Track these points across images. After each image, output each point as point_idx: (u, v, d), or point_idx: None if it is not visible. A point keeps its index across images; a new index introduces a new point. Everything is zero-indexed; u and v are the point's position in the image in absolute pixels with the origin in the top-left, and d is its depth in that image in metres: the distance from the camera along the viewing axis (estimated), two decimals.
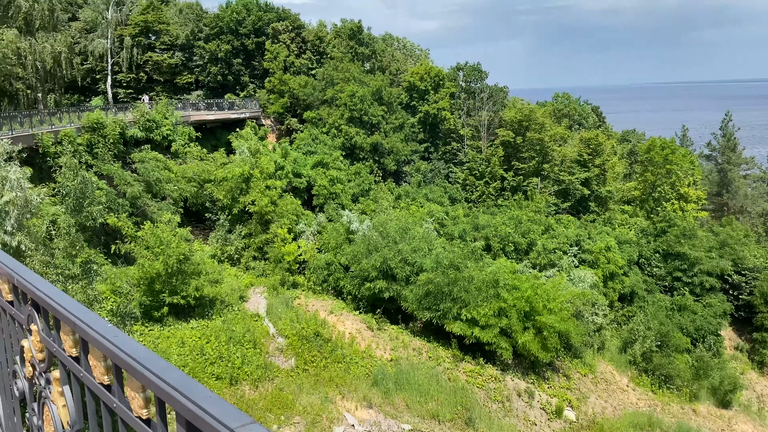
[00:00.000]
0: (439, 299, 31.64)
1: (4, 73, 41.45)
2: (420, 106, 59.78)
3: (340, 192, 45.88)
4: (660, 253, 49.76)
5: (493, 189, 55.63)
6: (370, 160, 53.10)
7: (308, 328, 30.00)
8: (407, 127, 58.23)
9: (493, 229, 44.86)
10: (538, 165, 56.89)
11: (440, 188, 54.38)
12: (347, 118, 52.89)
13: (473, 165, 57.41)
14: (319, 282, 37.38)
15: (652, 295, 47.44)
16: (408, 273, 33.95)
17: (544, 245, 44.60)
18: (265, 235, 39.34)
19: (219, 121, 54.45)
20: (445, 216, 47.30)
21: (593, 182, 57.07)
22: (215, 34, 59.68)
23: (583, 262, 45.77)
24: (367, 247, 35.28)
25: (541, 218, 48.50)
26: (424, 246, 35.92)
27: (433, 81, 60.13)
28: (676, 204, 57.40)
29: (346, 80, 54.72)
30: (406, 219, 40.34)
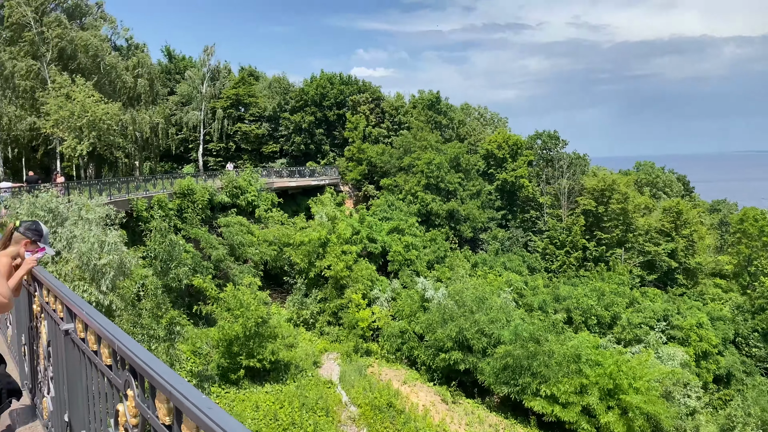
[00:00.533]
0: (517, 373, 30.40)
1: (107, 143, 44.98)
2: (497, 174, 59.71)
3: (415, 258, 45.82)
4: (759, 332, 46.12)
5: (574, 259, 53.98)
6: (446, 226, 53.03)
7: (381, 398, 29.45)
8: (484, 195, 58.09)
9: (575, 301, 43.20)
10: (622, 235, 54.92)
11: (518, 257, 53.33)
12: (423, 184, 53.48)
13: (553, 234, 56.18)
14: (393, 350, 36.90)
15: (752, 377, 43.70)
16: (485, 344, 32.97)
17: (629, 319, 42.40)
18: (340, 300, 39.56)
19: (300, 187, 56.37)
20: (524, 286, 46.10)
21: (680, 254, 54.29)
22: (300, 106, 62.72)
23: (672, 339, 43.01)
24: (442, 316, 34.71)
25: (625, 291, 46.37)
26: (502, 317, 34.94)
27: (511, 149, 60.15)
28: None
29: (423, 148, 55.69)
30: (483, 288, 39.56)
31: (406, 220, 49.59)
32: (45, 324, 4.90)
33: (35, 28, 45.02)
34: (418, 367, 35.62)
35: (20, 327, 6.15)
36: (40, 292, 4.92)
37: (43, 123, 42.09)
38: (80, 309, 3.74)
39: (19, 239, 5.12)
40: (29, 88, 44.18)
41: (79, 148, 40.79)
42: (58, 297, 4.27)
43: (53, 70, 44.60)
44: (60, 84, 42.52)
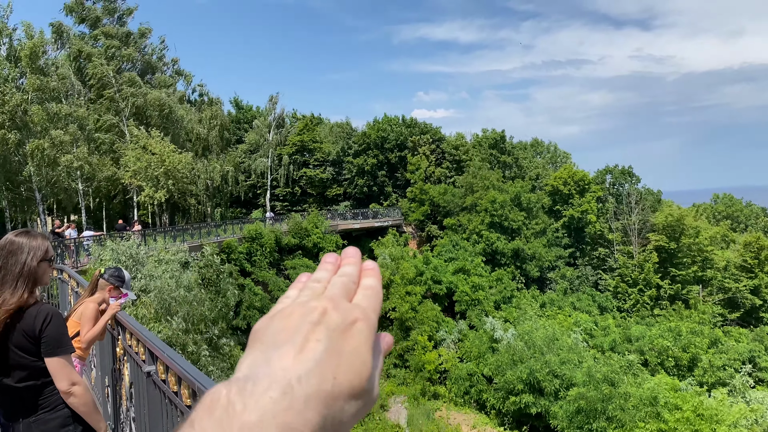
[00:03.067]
0: (591, 417, 29.14)
1: (182, 191, 47.20)
2: (564, 211, 58.56)
3: (482, 299, 45.18)
4: None
5: (648, 297, 51.77)
6: (512, 266, 52.16)
7: None
8: (550, 232, 56.96)
9: (649, 342, 41.26)
10: (699, 271, 52.40)
11: (588, 296, 51.64)
12: (488, 223, 53.04)
13: (624, 271, 54.20)
14: (461, 393, 36.19)
15: None
16: (557, 387, 31.88)
17: (711, 361, 40.02)
18: (406, 342, 39.34)
19: (363, 229, 57.03)
20: (594, 326, 44.50)
21: (765, 290, 51.14)
22: (362, 149, 64.01)
23: (761, 382, 40.22)
24: (511, 357, 33.90)
25: (705, 330, 43.94)
26: (574, 357, 33.79)
27: (577, 185, 59.01)
28: None
29: (486, 187, 55.43)
30: (552, 328, 38.47)
31: (471, 260, 49.15)
32: (128, 366, 5.19)
33: (115, 86, 48.33)
34: (487, 410, 34.74)
35: (104, 369, 6.52)
36: (123, 336, 5.23)
37: (122, 173, 44.69)
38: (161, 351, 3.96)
39: (104, 286, 5.48)
40: (109, 141, 47.19)
41: (156, 196, 42.94)
42: (141, 340, 4.54)
43: (131, 123, 47.57)
44: (137, 137, 45.20)
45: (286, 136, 66.57)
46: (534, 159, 71.72)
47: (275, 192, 64.94)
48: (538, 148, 76.51)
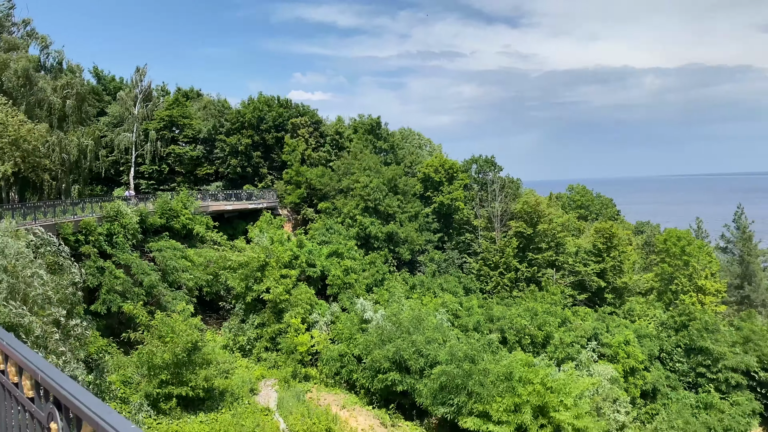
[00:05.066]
0: (453, 393, 30.74)
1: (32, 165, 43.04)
2: (434, 197, 60.79)
3: (354, 282, 45.85)
4: (682, 348, 48.42)
5: (507, 280, 55.30)
6: (385, 249, 53.39)
7: (319, 423, 29.11)
8: (422, 217, 58.93)
9: (509, 321, 44.19)
10: (553, 256, 56.79)
11: (455, 278, 54.18)
12: (362, 207, 53.78)
13: (487, 255, 57.43)
14: (332, 374, 36.64)
15: (675, 391, 45.74)
16: (422, 365, 33.23)
17: (562, 338, 43.68)
18: (279, 324, 39.05)
19: (237, 211, 55.55)
20: (459, 307, 46.82)
21: (609, 273, 56.56)
22: (236, 128, 62.05)
23: (602, 357, 44.58)
24: (380, 338, 34.80)
25: (557, 310, 47.79)
26: (439, 337, 35.36)
27: (447, 173, 61.41)
28: (695, 296, 56.45)
29: (363, 170, 56.06)
30: (419, 309, 39.95)
31: (345, 243, 49.63)
32: None
33: None
34: (357, 390, 35.48)
35: None
36: None
37: None
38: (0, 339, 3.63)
39: None
40: None
41: (1, 168, 38.90)
42: None
43: None
44: None
45: (154, 111, 62.92)
46: (409, 146, 73.59)
47: (140, 169, 61.28)
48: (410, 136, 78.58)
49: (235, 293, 41.74)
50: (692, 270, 57.64)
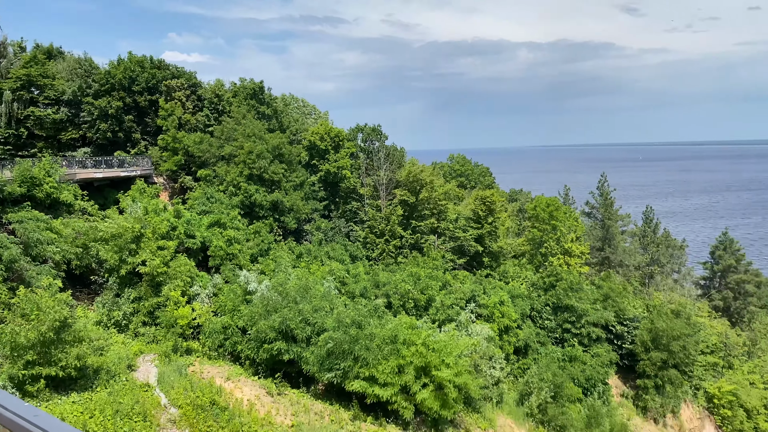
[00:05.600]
0: (340, 358, 31.16)
1: None
2: (320, 165, 60.41)
3: (237, 252, 44.75)
4: (550, 306, 52.21)
5: (392, 247, 56.53)
6: (270, 218, 52.46)
7: (203, 396, 28.42)
8: (307, 186, 58.43)
9: (393, 287, 45.30)
10: (435, 223, 58.70)
11: (341, 246, 54.53)
12: (246, 175, 52.29)
13: (373, 223, 58.29)
14: (215, 347, 35.80)
15: (544, 347, 49.38)
16: (309, 333, 33.29)
17: (443, 301, 45.52)
18: (157, 298, 37.37)
19: (108, 179, 51.99)
20: (346, 274, 47.28)
21: (486, 239, 59.50)
22: (106, 90, 57.68)
23: (480, 317, 47.07)
24: (265, 308, 34.36)
25: (438, 275, 49.65)
26: (326, 305, 35.53)
27: (333, 141, 61.14)
28: (562, 258, 60.89)
29: (247, 136, 54.37)
30: (306, 278, 39.87)
31: (228, 212, 48.17)
32: None
33: None
34: (242, 362, 34.95)
35: None
36: None
37: None
38: None
39: None
40: None
41: None
42: None
43: None
44: None
45: (9, 69, 56.90)
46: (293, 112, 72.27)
47: None
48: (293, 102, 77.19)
49: (108, 266, 39.28)
50: (560, 234, 62.01)
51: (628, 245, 75.13)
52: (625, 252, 72.86)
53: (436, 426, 32.72)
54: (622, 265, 71.87)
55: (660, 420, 50.69)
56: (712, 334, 60.52)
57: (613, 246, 72.24)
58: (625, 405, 50.15)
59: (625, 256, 72.26)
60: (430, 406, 30.26)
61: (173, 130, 56.35)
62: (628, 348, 52.11)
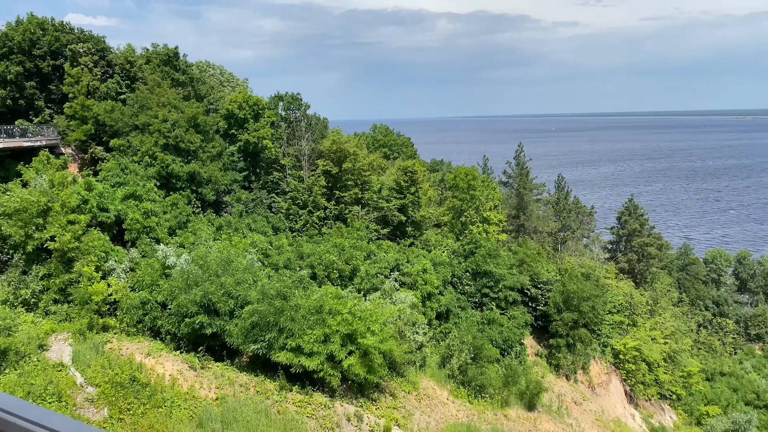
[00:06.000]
0: (265, 330, 31.04)
1: None
2: (240, 135, 58.91)
3: (155, 225, 43.23)
4: (470, 272, 53.93)
5: (316, 218, 56.32)
6: (188, 190, 50.87)
7: (122, 373, 27.60)
8: (226, 156, 56.92)
9: (318, 257, 45.31)
10: (359, 194, 58.88)
11: (263, 218, 53.76)
12: (162, 145, 50.26)
13: (296, 194, 57.74)
14: (134, 323, 34.69)
15: (465, 311, 51.12)
16: (232, 306, 32.88)
17: (367, 270, 46.02)
18: (69, 274, 35.64)
19: (8, 149, 48.55)
20: (269, 246, 46.78)
21: (409, 209, 60.40)
22: (3, 54, 53.46)
23: (404, 285, 48.01)
24: (186, 282, 33.56)
25: (362, 245, 50.06)
26: (249, 277, 35.12)
27: (252, 109, 59.68)
28: (481, 227, 62.81)
29: (162, 105, 52.12)
30: (228, 251, 39.16)
31: (144, 184, 46.27)
32: None
33: None
34: (162, 337, 34.11)
35: None
36: None
37: None
38: None
39: None
40: None
41: None
42: None
43: None
44: None
45: None
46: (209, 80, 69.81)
47: None
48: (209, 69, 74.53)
49: (12, 242, 37.00)
50: (478, 203, 63.84)
51: (542, 213, 78.39)
52: (539, 219, 76.02)
53: (362, 391, 33.40)
54: (536, 231, 74.99)
55: (571, 376, 53.93)
56: (619, 295, 64.62)
57: (528, 213, 75.16)
58: (540, 363, 52.95)
59: (539, 223, 75.41)
60: (357, 373, 30.80)
61: (81, 97, 53.16)
62: (542, 310, 54.81)
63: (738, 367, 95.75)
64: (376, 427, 30.94)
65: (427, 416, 34.79)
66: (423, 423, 33.62)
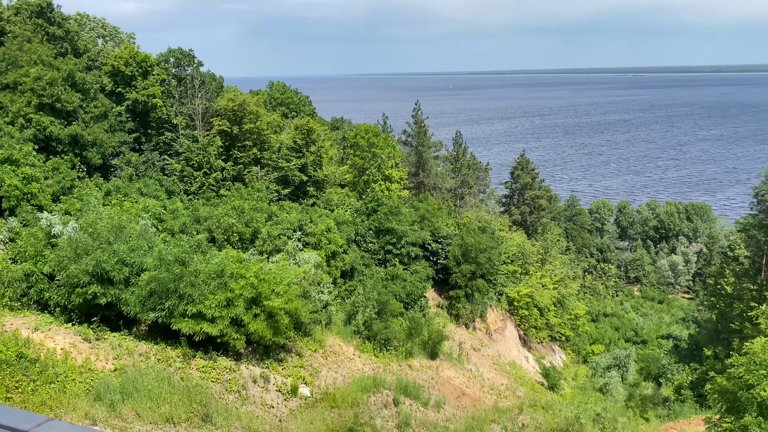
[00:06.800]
0: (164, 297, 30.00)
1: None
2: (127, 94, 55.36)
3: (36, 192, 40.13)
4: (373, 230, 54.64)
5: (213, 180, 54.51)
6: (70, 153, 47.46)
7: (8, 351, 25.79)
8: (112, 117, 53.45)
9: (216, 221, 44.09)
10: (258, 154, 57.47)
11: (155, 181, 51.29)
12: (36, 105, 46.31)
13: (190, 155, 55.40)
14: (17, 297, 32.35)
15: (369, 268, 51.93)
16: (127, 274, 31.41)
17: (269, 232, 45.40)
18: None
19: None
20: (163, 210, 44.87)
21: (310, 168, 59.81)
22: None
23: (307, 245, 47.87)
24: (75, 251, 31.59)
25: (263, 206, 49.18)
26: (144, 244, 33.60)
27: (140, 66, 56.12)
28: (383, 185, 63.50)
29: (33, 63, 47.80)
30: (119, 217, 37.18)
31: (20, 148, 42.63)
32: None
33: None
34: (51, 310, 32.10)
35: None
36: None
37: None
38: None
39: None
40: None
41: None
42: None
43: None
44: None
45: None
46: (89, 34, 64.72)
47: None
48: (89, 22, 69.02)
49: None
50: (380, 161, 64.32)
51: (440, 169, 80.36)
52: (438, 176, 77.94)
53: (268, 353, 33.33)
54: (436, 188, 76.91)
55: (470, 324, 56.62)
56: (513, 246, 68.05)
57: (427, 170, 76.79)
58: (441, 314, 55.11)
59: (438, 179, 77.33)
60: (263, 335, 30.63)
61: None
62: (443, 263, 56.74)
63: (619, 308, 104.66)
64: (283, 387, 31.11)
65: (334, 372, 35.40)
66: (330, 379, 34.19)
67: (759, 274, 66.46)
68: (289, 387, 31.25)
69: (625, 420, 40.66)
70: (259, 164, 58.22)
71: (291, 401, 30.75)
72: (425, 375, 40.21)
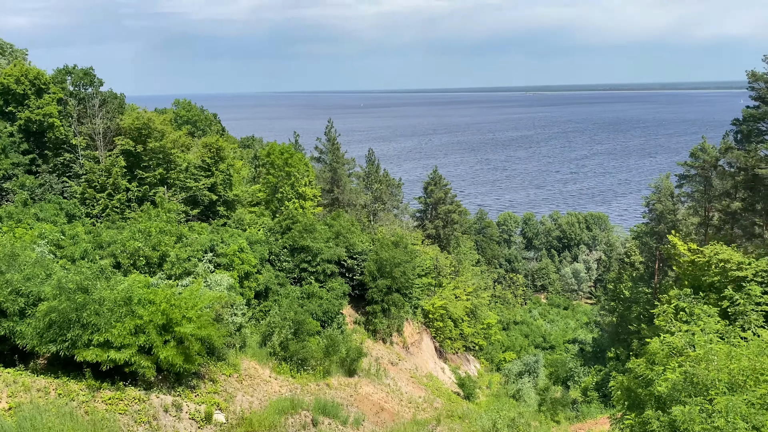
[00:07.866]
0: (65, 328, 28.28)
1: None
2: (20, 113, 52.08)
3: None
4: (287, 249, 54.08)
5: (117, 201, 52.12)
6: None
7: None
8: (4, 137, 50.10)
9: (121, 245, 42.18)
10: (164, 174, 55.62)
11: (54, 205, 48.40)
12: None
13: (92, 177, 52.70)
14: None
15: (284, 288, 51.28)
16: (22, 305, 29.39)
17: (178, 255, 43.92)
18: None
19: None
20: (61, 236, 42.40)
21: (220, 187, 58.52)
22: None
23: (219, 266, 46.67)
24: None
25: (172, 228, 47.55)
26: (40, 272, 31.60)
27: (33, 84, 53.04)
28: (297, 202, 63.15)
29: None
30: (12, 244, 34.81)
31: None
32: None
33: None
34: None
35: None
36: None
37: None
38: None
39: None
40: None
41: None
42: None
43: None
44: None
45: None
46: None
47: None
48: None
49: None
50: (294, 179, 63.98)
51: (354, 186, 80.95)
52: (352, 192, 78.46)
53: (180, 380, 32.12)
54: (350, 204, 77.33)
55: (387, 339, 57.08)
56: (427, 259, 69.42)
57: (341, 187, 77.13)
58: (358, 330, 55.20)
59: (352, 196, 77.83)
60: (174, 362, 29.48)
61: None
62: (359, 279, 56.97)
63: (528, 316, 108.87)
64: (197, 414, 30.06)
65: (250, 396, 34.61)
66: (246, 403, 33.38)
67: (653, 278, 71.46)
68: (203, 414, 30.25)
69: (537, 424, 42.31)
70: (165, 184, 56.29)
71: (205, 429, 29.76)
72: (344, 393, 40.11)
